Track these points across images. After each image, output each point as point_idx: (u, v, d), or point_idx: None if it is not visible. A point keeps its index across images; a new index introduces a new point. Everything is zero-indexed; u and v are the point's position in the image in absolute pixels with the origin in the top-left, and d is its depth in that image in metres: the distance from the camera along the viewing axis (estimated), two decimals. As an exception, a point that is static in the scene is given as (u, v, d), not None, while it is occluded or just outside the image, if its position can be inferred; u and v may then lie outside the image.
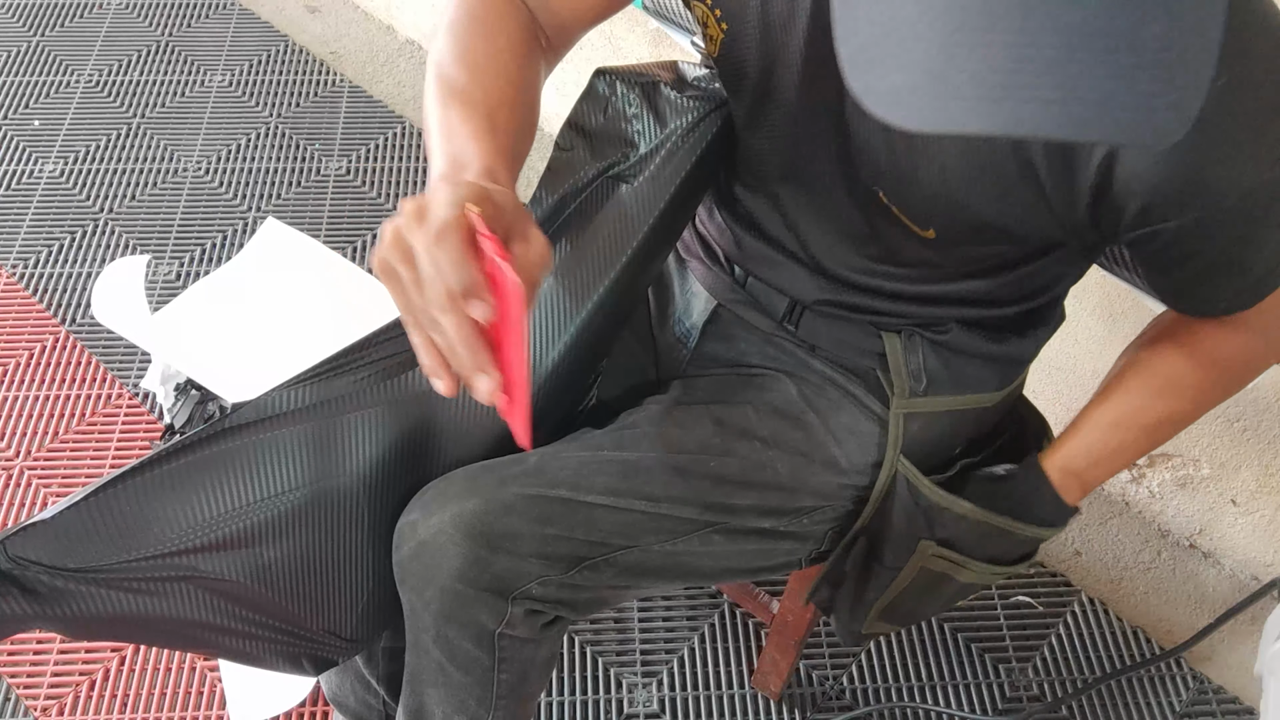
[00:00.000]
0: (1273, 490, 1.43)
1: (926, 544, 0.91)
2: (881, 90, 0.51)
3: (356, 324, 1.71)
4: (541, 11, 0.85)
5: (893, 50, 0.51)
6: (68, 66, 2.19)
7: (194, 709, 1.35)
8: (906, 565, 0.93)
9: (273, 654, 0.90)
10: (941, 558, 0.92)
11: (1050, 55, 0.48)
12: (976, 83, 0.49)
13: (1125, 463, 0.89)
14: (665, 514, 0.88)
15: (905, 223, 0.81)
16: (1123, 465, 0.90)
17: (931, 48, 0.50)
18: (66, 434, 1.61)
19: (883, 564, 0.94)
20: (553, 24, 0.86)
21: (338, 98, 2.15)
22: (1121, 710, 1.40)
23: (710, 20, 0.80)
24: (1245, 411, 1.39)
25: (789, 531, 0.93)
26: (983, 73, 0.49)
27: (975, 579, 0.94)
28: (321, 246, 1.84)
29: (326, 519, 0.85)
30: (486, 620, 0.85)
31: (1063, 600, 1.51)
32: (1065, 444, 0.89)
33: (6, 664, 1.38)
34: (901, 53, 0.51)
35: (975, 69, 0.49)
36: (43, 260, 1.84)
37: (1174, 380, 0.86)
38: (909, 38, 0.50)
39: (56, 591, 0.79)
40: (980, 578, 0.94)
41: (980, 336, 0.92)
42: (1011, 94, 0.48)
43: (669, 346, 1.04)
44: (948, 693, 1.41)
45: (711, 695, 1.39)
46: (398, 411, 0.86)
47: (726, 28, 0.80)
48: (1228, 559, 1.54)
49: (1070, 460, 0.89)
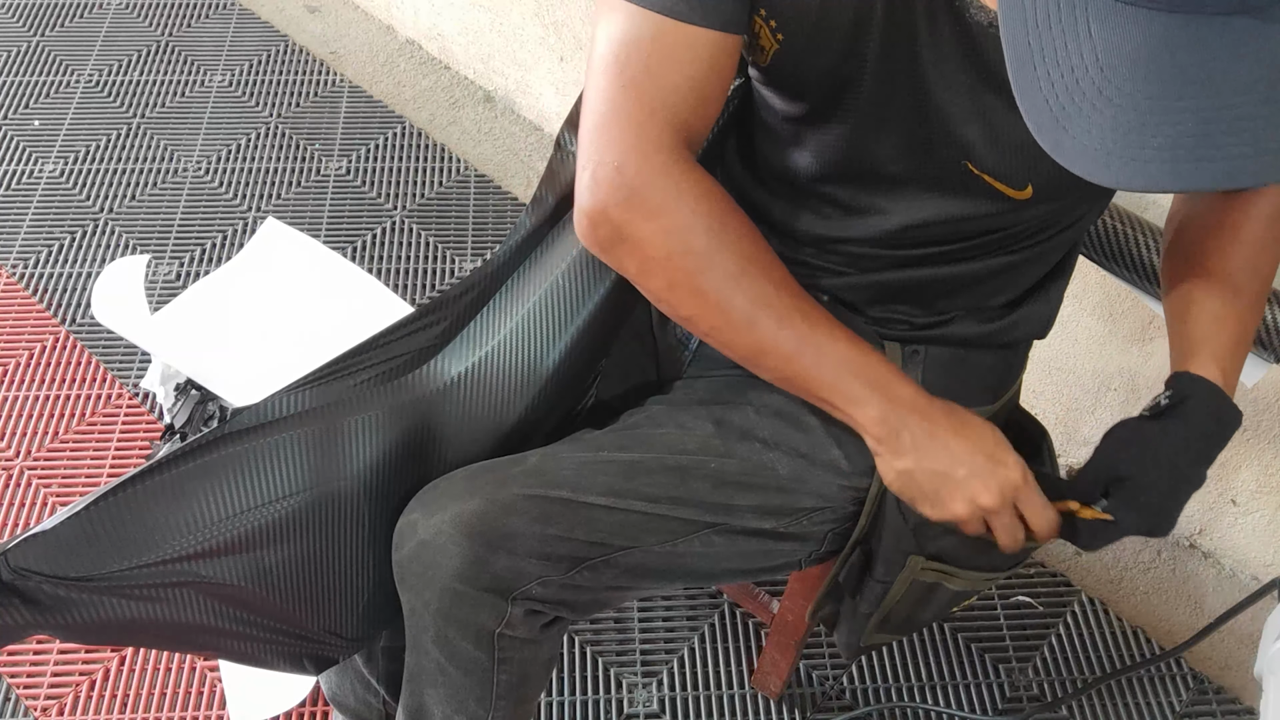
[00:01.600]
0: (1273, 490, 1.43)
1: (916, 559, 0.92)
2: (1072, 149, 0.57)
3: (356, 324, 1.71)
4: (692, 145, 0.80)
5: (1082, 112, 0.56)
6: (68, 66, 2.19)
7: (194, 709, 1.35)
8: (897, 579, 0.93)
9: (273, 654, 0.90)
10: (931, 570, 0.92)
11: (1238, 114, 0.54)
12: (1173, 145, 0.54)
13: (1247, 349, 0.88)
14: (665, 514, 0.88)
15: (998, 188, 0.81)
16: (1245, 353, 0.88)
17: (1122, 114, 0.55)
18: (66, 434, 1.61)
19: (875, 578, 0.95)
20: (696, 139, 0.81)
21: (338, 98, 2.15)
22: (1121, 710, 1.40)
23: (765, 32, 0.79)
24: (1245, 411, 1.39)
25: (789, 532, 0.93)
26: (1177, 137, 0.54)
27: (967, 586, 0.95)
28: (321, 246, 1.84)
29: (327, 522, 0.85)
30: (486, 620, 0.85)
31: (1063, 600, 1.51)
32: (1205, 347, 0.85)
33: (6, 664, 1.38)
34: (1092, 114, 0.56)
35: (1170, 134, 0.54)
36: (43, 260, 1.84)
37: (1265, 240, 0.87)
38: (1098, 101, 0.56)
39: (58, 600, 0.79)
40: (972, 585, 0.95)
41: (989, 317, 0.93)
42: (1208, 154, 0.54)
43: (670, 347, 1.04)
44: (948, 693, 1.41)
45: (711, 695, 1.39)
46: (398, 414, 0.86)
47: (783, 38, 0.79)
48: (1228, 559, 1.54)
49: (1219, 358, 0.85)
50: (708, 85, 0.78)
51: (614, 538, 0.86)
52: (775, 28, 0.79)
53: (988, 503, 0.80)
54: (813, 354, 0.79)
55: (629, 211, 0.76)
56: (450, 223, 1.93)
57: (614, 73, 0.76)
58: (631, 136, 0.76)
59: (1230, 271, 0.86)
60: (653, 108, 0.76)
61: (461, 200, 1.97)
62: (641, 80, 0.76)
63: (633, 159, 0.76)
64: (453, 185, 2.00)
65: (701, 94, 0.78)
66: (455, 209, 1.96)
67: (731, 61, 0.78)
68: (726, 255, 0.77)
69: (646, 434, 0.91)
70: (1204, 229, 0.88)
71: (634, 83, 0.76)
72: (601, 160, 0.76)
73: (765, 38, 0.80)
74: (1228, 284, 0.86)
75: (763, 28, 0.80)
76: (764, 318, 0.78)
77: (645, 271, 0.79)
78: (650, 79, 0.76)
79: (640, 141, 0.76)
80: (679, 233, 0.77)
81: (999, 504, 0.80)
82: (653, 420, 0.93)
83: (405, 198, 1.97)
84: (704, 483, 0.89)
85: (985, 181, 0.81)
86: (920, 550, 0.91)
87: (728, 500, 0.89)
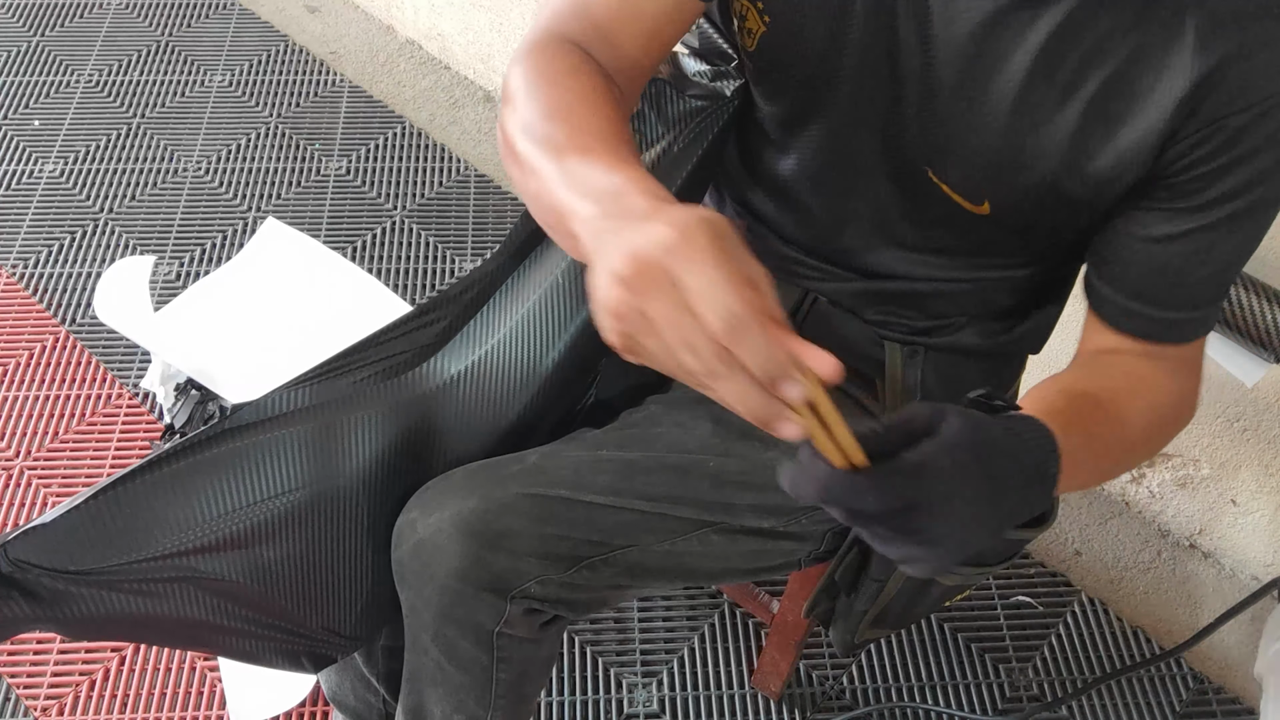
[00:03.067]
0: (1273, 490, 1.43)
1: None
2: None
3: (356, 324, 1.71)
4: (608, 55, 0.78)
5: None
6: (68, 66, 2.19)
7: (194, 709, 1.35)
8: (891, 577, 0.93)
9: (273, 652, 0.90)
10: None
11: None
12: None
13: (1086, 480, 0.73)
14: (664, 513, 0.88)
15: (956, 200, 0.81)
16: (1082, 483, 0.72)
17: None
18: (66, 434, 1.61)
19: (870, 576, 0.95)
20: (622, 67, 0.79)
21: (338, 98, 2.15)
22: (1121, 710, 1.40)
23: (752, 14, 0.80)
24: (1245, 411, 1.39)
25: (788, 531, 0.93)
26: None
27: (961, 580, 0.95)
28: (321, 246, 1.84)
29: (326, 519, 0.85)
30: (485, 619, 0.85)
31: (1063, 600, 1.51)
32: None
33: (6, 664, 1.38)
34: None
35: None
36: (43, 260, 1.84)
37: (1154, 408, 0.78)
38: None
39: (58, 594, 0.79)
40: (965, 579, 0.95)
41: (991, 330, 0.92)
42: None
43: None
44: (948, 693, 1.40)
45: (711, 695, 1.38)
46: (397, 412, 0.86)
47: (770, 20, 0.79)
48: (1228, 559, 1.54)
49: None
50: (654, 22, 0.79)
51: (613, 537, 0.86)
52: (763, 9, 0.80)
53: (619, 267, 0.51)
54: (564, 178, 0.62)
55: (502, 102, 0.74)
56: (450, 223, 1.93)
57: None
58: (540, 23, 0.77)
59: (1125, 419, 0.75)
60: (579, 10, 0.77)
61: (461, 200, 1.97)
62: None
63: (524, 42, 0.77)
64: (453, 185, 2.00)
65: (641, 22, 0.78)
66: (455, 209, 1.96)
67: (683, 19, 0.80)
68: (532, 105, 0.69)
69: (646, 433, 0.91)
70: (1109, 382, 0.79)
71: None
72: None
73: (753, 19, 0.81)
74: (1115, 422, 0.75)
75: (749, 9, 0.80)
76: (546, 161, 0.65)
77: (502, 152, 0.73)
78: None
79: (537, 31, 0.77)
80: (506, 94, 0.73)
81: (633, 272, 0.51)
82: (652, 419, 0.93)
83: (405, 198, 1.97)
84: (703, 481, 0.89)
85: (944, 192, 0.81)
86: None
87: (727, 499, 0.89)
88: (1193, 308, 0.78)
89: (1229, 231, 0.74)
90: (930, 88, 0.77)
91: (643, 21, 0.78)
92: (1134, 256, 0.78)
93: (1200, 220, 0.74)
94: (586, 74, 0.74)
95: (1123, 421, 0.75)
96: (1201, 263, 0.76)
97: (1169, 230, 0.76)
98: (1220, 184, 0.72)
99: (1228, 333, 1.06)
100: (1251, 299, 1.04)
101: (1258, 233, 0.76)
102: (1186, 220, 0.75)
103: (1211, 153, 0.71)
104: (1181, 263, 0.76)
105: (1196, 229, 0.75)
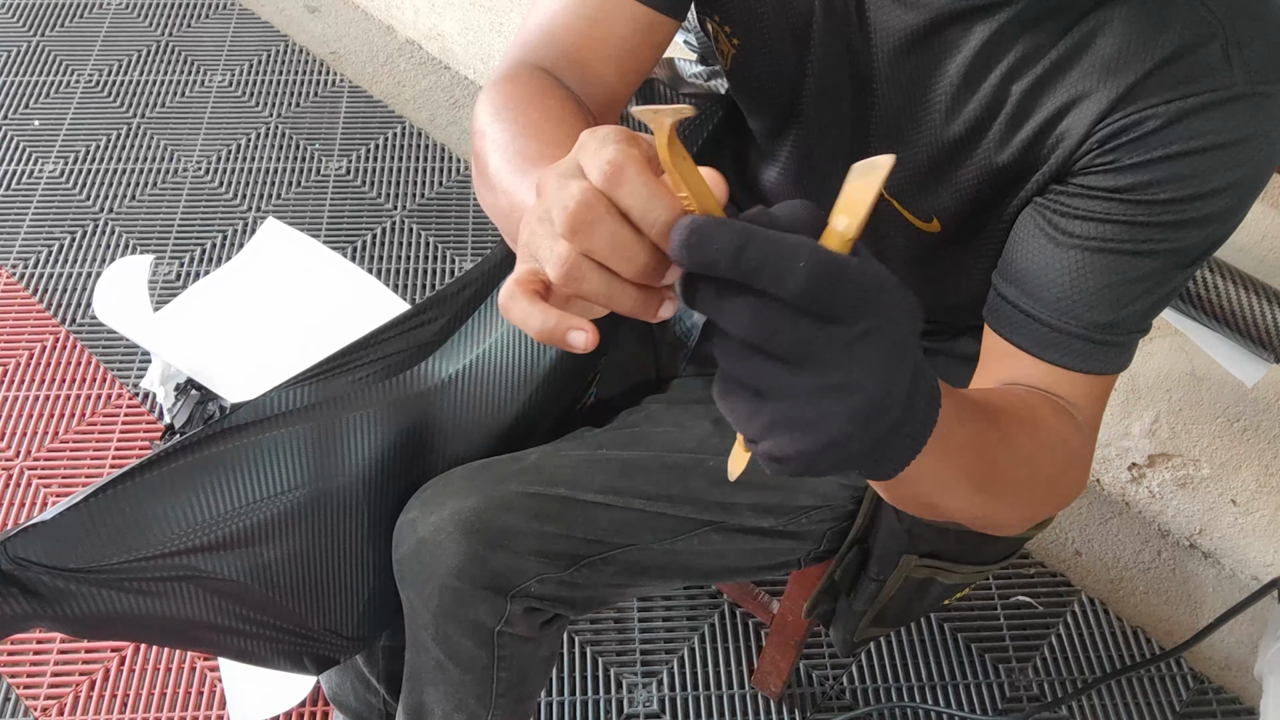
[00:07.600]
0: (1273, 490, 1.43)
1: (909, 558, 0.92)
2: None
3: (356, 324, 1.71)
4: (580, 82, 0.78)
5: None
6: (68, 66, 2.19)
7: (194, 709, 1.35)
8: (890, 577, 0.93)
9: (274, 653, 0.90)
10: (924, 566, 0.93)
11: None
12: None
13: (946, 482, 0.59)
14: (664, 512, 0.88)
15: (908, 218, 0.81)
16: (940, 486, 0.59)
17: None
18: (66, 434, 1.61)
19: (870, 576, 0.95)
20: (596, 93, 0.78)
21: (338, 98, 2.15)
22: (1121, 710, 1.40)
23: (721, 36, 0.80)
24: (1245, 411, 1.39)
25: (787, 530, 0.93)
26: None
27: (960, 580, 0.95)
28: (321, 246, 1.84)
29: (326, 518, 0.85)
30: (485, 618, 0.85)
31: (1063, 600, 1.51)
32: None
33: (6, 664, 1.38)
34: None
35: None
36: (43, 260, 1.84)
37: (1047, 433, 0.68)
38: None
39: (58, 592, 0.79)
40: (964, 579, 0.95)
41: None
42: None
43: (668, 346, 1.04)
44: (948, 693, 1.40)
45: (711, 695, 1.38)
46: (397, 410, 0.86)
47: (738, 43, 0.80)
48: (1228, 559, 1.54)
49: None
50: (626, 44, 0.78)
51: (612, 535, 0.86)
52: (730, 33, 0.80)
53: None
54: (526, 186, 0.62)
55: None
56: (450, 223, 1.93)
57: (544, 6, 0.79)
58: (509, 55, 0.77)
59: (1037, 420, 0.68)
60: (547, 39, 0.77)
61: (461, 200, 1.97)
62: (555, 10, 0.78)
63: (493, 74, 0.77)
64: (453, 185, 2.00)
65: (611, 46, 0.77)
66: (455, 209, 1.96)
67: (655, 39, 0.79)
68: (502, 127, 0.69)
69: (645, 432, 0.91)
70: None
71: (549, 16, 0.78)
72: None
73: (723, 41, 0.81)
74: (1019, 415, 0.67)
75: (718, 32, 0.81)
76: (517, 179, 0.64)
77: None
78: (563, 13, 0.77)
79: (505, 62, 0.77)
80: (475, 126, 0.72)
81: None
82: (651, 419, 0.93)
83: (405, 198, 1.97)
84: (702, 481, 0.89)
85: (896, 209, 0.81)
86: (913, 549, 0.91)
87: (726, 498, 0.89)
88: (1075, 321, 0.70)
89: (1105, 256, 0.69)
90: (885, 108, 0.77)
91: (613, 45, 0.77)
92: (1029, 253, 0.72)
93: (1080, 241, 0.70)
94: (556, 97, 0.73)
95: (1010, 444, 0.62)
96: (1083, 277, 0.70)
97: (1056, 236, 0.71)
98: (1103, 209, 0.68)
99: (1228, 333, 1.06)
100: (1251, 299, 1.03)
101: (1130, 276, 0.69)
102: (1070, 237, 0.70)
103: (1105, 181, 0.67)
104: (1068, 274, 0.70)
105: (1076, 248, 0.70)
